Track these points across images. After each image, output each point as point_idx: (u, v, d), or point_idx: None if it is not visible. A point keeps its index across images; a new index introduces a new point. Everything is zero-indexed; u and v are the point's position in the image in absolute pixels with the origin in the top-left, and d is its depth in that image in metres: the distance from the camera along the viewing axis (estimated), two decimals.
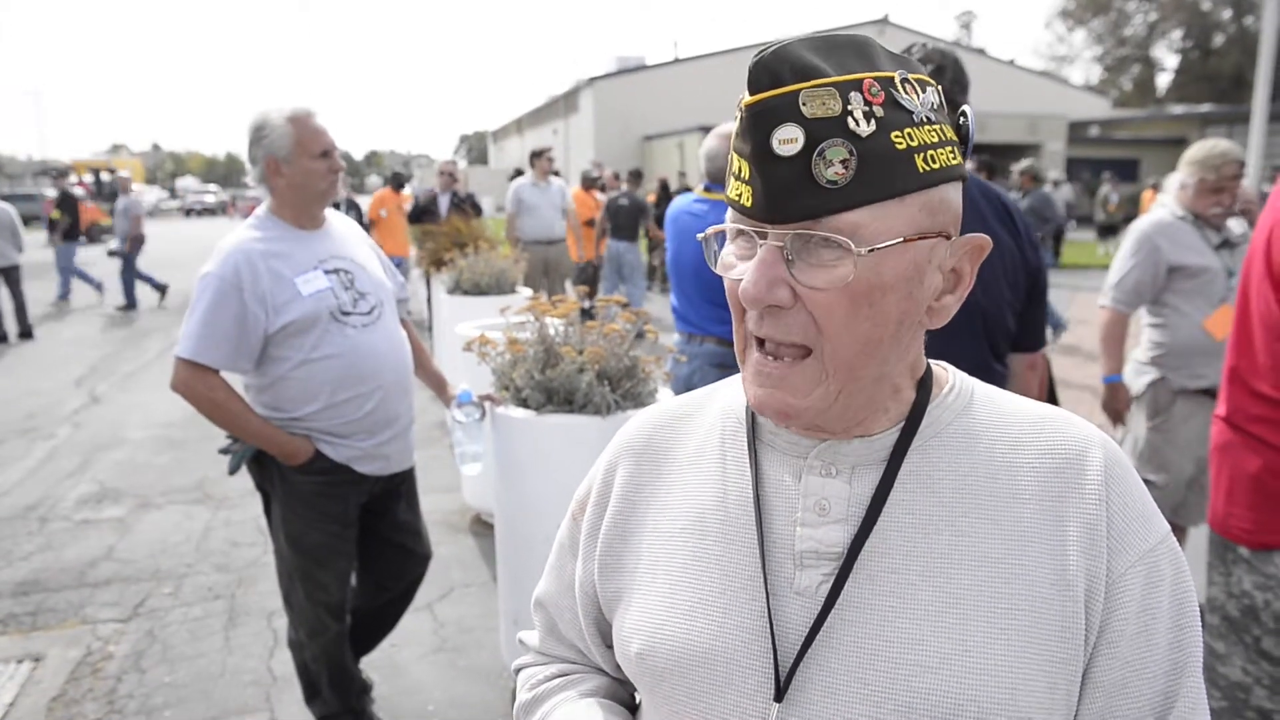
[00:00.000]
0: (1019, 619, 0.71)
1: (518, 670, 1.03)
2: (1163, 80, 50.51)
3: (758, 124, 0.67)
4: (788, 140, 0.66)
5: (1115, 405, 3.32)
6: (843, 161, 0.65)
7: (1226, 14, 43.69)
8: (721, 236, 0.77)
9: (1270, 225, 1.80)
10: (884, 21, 32.18)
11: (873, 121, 0.66)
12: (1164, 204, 3.23)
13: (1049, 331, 6.19)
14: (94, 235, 27.00)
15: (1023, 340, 2.20)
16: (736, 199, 0.71)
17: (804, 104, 0.65)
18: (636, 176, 11.27)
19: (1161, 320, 3.20)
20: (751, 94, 0.67)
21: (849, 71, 0.67)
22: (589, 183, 12.03)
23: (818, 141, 0.65)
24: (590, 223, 10.65)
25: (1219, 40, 44.36)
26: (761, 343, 0.73)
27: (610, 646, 0.93)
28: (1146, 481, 3.20)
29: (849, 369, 0.71)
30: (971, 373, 0.86)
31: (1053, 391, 2.61)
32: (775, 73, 0.66)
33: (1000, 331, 2.12)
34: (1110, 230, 18.99)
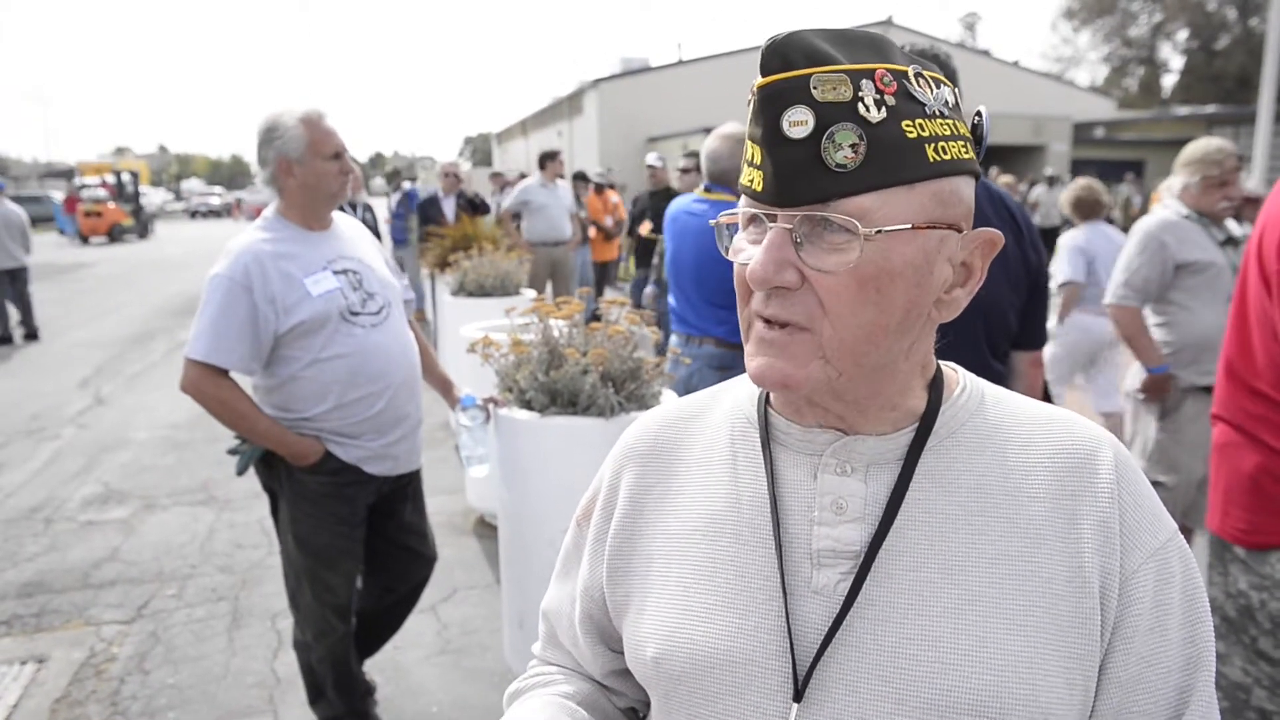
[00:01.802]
0: (1036, 615, 0.71)
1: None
2: (1168, 81, 50.42)
3: (768, 106, 0.68)
4: (798, 123, 0.67)
5: (1163, 391, 3.22)
6: (852, 146, 0.66)
7: (1232, 15, 43.60)
8: (734, 226, 0.77)
9: (1263, 226, 1.82)
10: (888, 23, 32.12)
11: (884, 109, 0.67)
12: (1167, 205, 3.24)
13: None
14: (116, 235, 27.34)
15: (1026, 338, 2.22)
16: (749, 185, 0.72)
17: (815, 88, 0.66)
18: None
19: (1168, 318, 3.19)
20: (763, 76, 0.68)
21: (862, 62, 0.68)
22: (600, 186, 11.82)
23: (828, 125, 0.66)
24: (599, 226, 10.59)
25: (1224, 41, 44.26)
26: (766, 322, 0.73)
27: (607, 649, 0.94)
28: (1156, 484, 3.20)
29: (850, 353, 0.71)
30: (971, 370, 0.87)
31: (1045, 391, 2.61)
32: (787, 57, 0.67)
33: (1001, 330, 2.14)
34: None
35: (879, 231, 0.67)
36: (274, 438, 2.36)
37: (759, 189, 0.70)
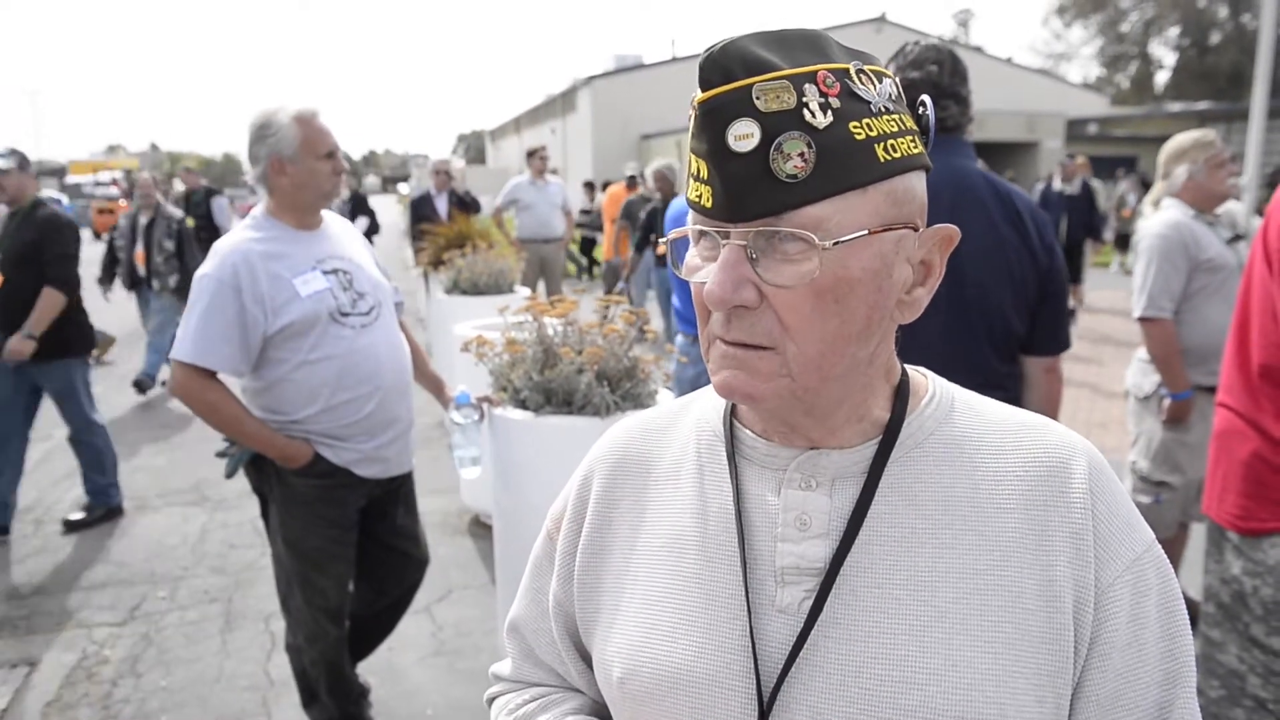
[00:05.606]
0: (1005, 632, 0.69)
1: (490, 701, 0.99)
2: (1161, 78, 50.57)
3: (712, 121, 0.66)
4: (743, 136, 0.64)
5: (1186, 415, 3.15)
6: (801, 154, 0.64)
7: (1224, 12, 43.74)
8: (685, 241, 0.75)
9: (1270, 211, 1.84)
10: (881, 20, 32.11)
11: (829, 113, 0.65)
12: (1169, 206, 3.19)
13: None
14: None
15: (1037, 343, 2.10)
16: (697, 200, 0.70)
17: (758, 98, 0.64)
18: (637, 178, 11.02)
19: (1176, 319, 3.15)
20: (704, 91, 0.66)
21: (802, 65, 0.65)
22: (631, 182, 11.20)
23: (774, 135, 0.64)
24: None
25: (1216, 38, 44.40)
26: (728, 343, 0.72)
27: (591, 666, 0.90)
28: (1162, 484, 3.17)
29: (816, 368, 0.69)
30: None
31: None
32: (726, 69, 0.65)
33: (1002, 334, 2.06)
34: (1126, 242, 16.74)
35: (837, 243, 0.65)
36: (263, 440, 2.34)
37: (708, 205, 0.68)
